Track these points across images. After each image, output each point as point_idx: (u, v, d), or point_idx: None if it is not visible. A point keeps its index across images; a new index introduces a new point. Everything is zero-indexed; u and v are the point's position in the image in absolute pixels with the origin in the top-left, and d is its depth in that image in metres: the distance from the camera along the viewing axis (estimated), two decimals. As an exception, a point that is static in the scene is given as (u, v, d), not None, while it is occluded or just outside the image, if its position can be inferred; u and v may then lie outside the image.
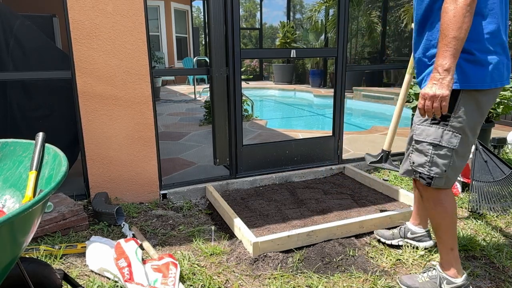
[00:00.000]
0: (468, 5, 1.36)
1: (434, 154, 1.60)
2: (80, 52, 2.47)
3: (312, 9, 12.98)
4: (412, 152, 1.69)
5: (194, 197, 2.95)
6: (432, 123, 1.59)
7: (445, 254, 1.73)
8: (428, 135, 1.60)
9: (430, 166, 1.62)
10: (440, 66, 1.42)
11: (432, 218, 1.73)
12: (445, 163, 1.60)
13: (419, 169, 1.66)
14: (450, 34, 1.38)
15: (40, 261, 1.43)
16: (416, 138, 1.65)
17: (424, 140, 1.62)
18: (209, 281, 1.85)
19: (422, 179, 1.66)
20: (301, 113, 8.33)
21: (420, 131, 1.63)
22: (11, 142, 1.39)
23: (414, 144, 1.68)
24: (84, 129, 2.59)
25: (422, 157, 1.64)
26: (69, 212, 2.33)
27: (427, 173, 1.63)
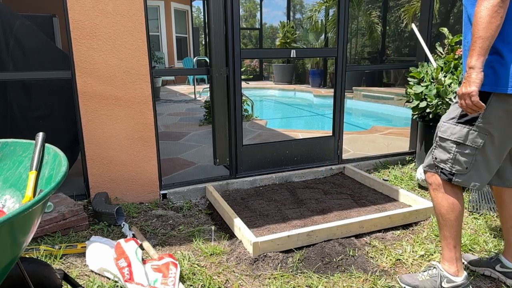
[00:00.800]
0: (495, 5, 1.39)
1: (457, 152, 1.62)
2: (80, 52, 2.47)
3: (312, 9, 12.98)
4: (436, 148, 1.71)
5: (194, 197, 2.95)
6: (458, 122, 1.61)
7: (448, 251, 1.73)
8: (453, 133, 1.62)
9: (453, 163, 1.64)
10: (467, 65, 1.48)
11: (439, 209, 1.72)
12: (467, 161, 1.61)
13: (441, 164, 1.68)
14: (476, 33, 1.43)
15: (40, 261, 1.43)
16: (440, 135, 1.68)
17: (448, 138, 1.64)
18: (209, 281, 1.85)
19: (443, 174, 1.68)
20: (301, 113, 8.34)
21: (445, 129, 1.66)
22: (11, 142, 1.39)
23: (438, 140, 1.69)
24: (84, 129, 2.59)
25: (445, 154, 1.66)
26: (69, 212, 2.33)
27: (449, 170, 1.65)
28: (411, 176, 3.33)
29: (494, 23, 1.41)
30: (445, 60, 3.23)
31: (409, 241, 2.26)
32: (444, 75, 3.16)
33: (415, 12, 9.74)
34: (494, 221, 2.48)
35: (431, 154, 1.74)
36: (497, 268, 1.89)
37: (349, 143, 4.34)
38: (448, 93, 3.05)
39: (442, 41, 3.46)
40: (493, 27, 1.42)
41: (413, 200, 2.67)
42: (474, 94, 1.46)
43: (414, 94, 3.24)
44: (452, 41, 3.28)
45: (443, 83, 3.10)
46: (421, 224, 2.45)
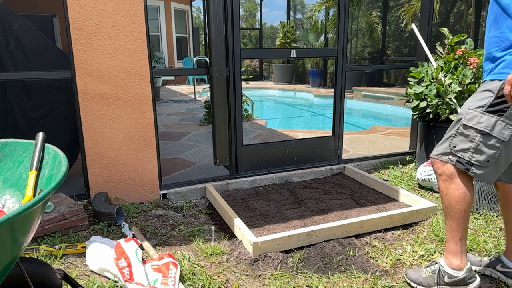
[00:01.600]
0: None
1: (481, 142, 1.55)
2: (80, 52, 2.47)
3: (312, 9, 12.98)
4: (455, 136, 1.63)
5: (194, 197, 2.95)
6: (486, 111, 1.54)
7: (453, 244, 1.68)
8: (479, 122, 1.55)
9: (473, 152, 1.57)
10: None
11: (448, 203, 1.67)
12: (490, 153, 1.55)
13: (459, 153, 1.60)
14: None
15: (40, 261, 1.43)
16: (465, 122, 1.58)
17: (473, 126, 1.56)
18: (209, 281, 1.85)
19: (460, 163, 1.60)
20: (301, 113, 8.34)
21: (471, 116, 1.57)
22: (11, 142, 1.39)
23: (460, 128, 1.60)
24: (84, 129, 2.59)
25: (466, 143, 1.59)
26: (69, 212, 2.33)
27: (468, 159, 1.58)
28: (411, 176, 3.33)
29: None
30: (445, 60, 3.23)
31: (409, 241, 2.26)
32: (444, 75, 3.16)
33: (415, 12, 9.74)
34: (494, 221, 2.48)
35: (448, 141, 1.65)
36: (498, 268, 1.88)
37: (349, 143, 4.34)
38: (448, 93, 3.05)
39: (442, 41, 3.46)
40: None
41: (413, 200, 2.67)
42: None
43: (414, 94, 3.24)
44: (452, 41, 3.28)
45: (443, 83, 3.10)
46: (421, 224, 2.45)
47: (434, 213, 2.53)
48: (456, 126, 1.64)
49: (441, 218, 2.49)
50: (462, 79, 3.03)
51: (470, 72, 3.03)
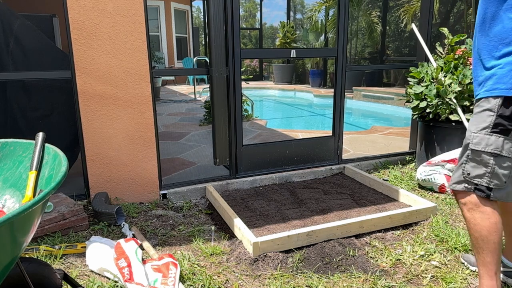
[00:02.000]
0: None
1: (496, 165, 1.48)
2: (80, 52, 2.47)
3: (312, 9, 12.99)
4: (467, 162, 1.55)
5: (194, 197, 2.95)
6: (492, 132, 1.47)
7: (488, 279, 1.54)
8: (488, 145, 1.48)
9: (490, 177, 1.49)
10: None
11: (479, 232, 1.54)
12: (506, 174, 1.49)
13: (475, 180, 1.52)
14: None
15: (40, 261, 1.43)
16: (473, 147, 1.51)
17: (484, 150, 1.49)
18: (209, 281, 1.85)
19: (480, 191, 1.52)
20: (301, 113, 8.34)
21: (478, 140, 1.50)
22: (11, 142, 1.39)
23: (471, 154, 1.53)
24: (84, 129, 2.59)
25: (481, 168, 1.51)
26: (69, 212, 2.33)
27: (486, 185, 1.50)
28: (411, 176, 3.33)
29: None
30: (445, 60, 3.23)
31: (409, 241, 2.26)
32: (444, 75, 3.16)
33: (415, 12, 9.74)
34: (494, 221, 2.48)
35: (461, 169, 1.57)
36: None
37: (349, 143, 4.34)
38: (448, 93, 3.05)
39: (442, 41, 3.46)
40: None
41: (413, 200, 2.67)
42: None
43: (414, 94, 3.24)
44: (452, 41, 3.28)
45: (443, 83, 3.10)
46: (421, 224, 2.45)
47: (434, 213, 2.53)
48: (465, 153, 1.56)
49: (441, 218, 2.49)
50: (462, 79, 3.03)
51: (470, 72, 3.03)
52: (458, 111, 3.03)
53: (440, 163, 2.96)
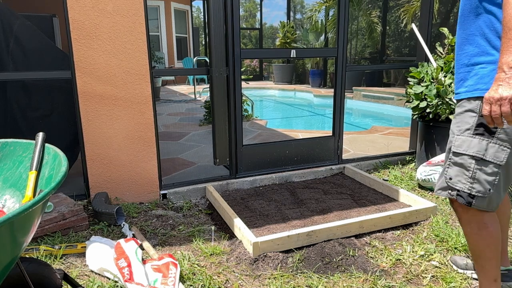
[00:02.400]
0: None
1: (477, 170, 1.39)
2: (80, 52, 2.47)
3: (312, 9, 12.99)
4: (449, 167, 1.47)
5: (194, 197, 2.95)
6: (476, 134, 1.39)
7: (488, 286, 1.50)
8: (470, 147, 1.40)
9: (472, 183, 1.41)
10: (506, 64, 1.22)
11: (474, 245, 1.49)
12: (490, 180, 1.39)
13: (457, 186, 1.45)
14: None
15: (40, 261, 1.43)
16: (455, 150, 1.44)
17: (465, 153, 1.41)
18: (209, 281, 1.85)
19: (461, 197, 1.44)
20: (301, 113, 8.34)
21: (460, 142, 1.43)
22: (11, 142, 1.39)
23: (452, 156, 1.45)
24: (84, 129, 2.59)
25: (461, 172, 1.43)
26: (69, 212, 2.33)
27: (468, 191, 1.42)
28: (411, 176, 3.33)
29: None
30: (445, 60, 3.23)
31: (409, 241, 2.26)
32: (444, 75, 3.16)
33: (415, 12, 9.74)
34: (494, 221, 2.48)
35: (444, 173, 1.50)
36: None
37: (349, 143, 4.34)
38: (448, 93, 3.05)
39: (442, 41, 3.46)
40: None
41: (413, 200, 2.67)
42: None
43: (414, 94, 3.24)
44: (452, 41, 3.28)
45: (443, 83, 3.10)
46: (421, 224, 2.45)
47: (434, 213, 2.53)
48: (448, 156, 1.49)
49: (441, 218, 2.49)
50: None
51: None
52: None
53: (440, 163, 2.96)
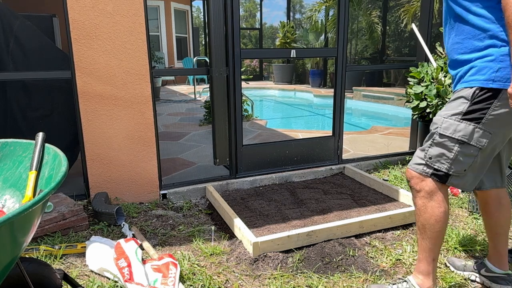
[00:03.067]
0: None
1: (459, 152, 1.48)
2: (80, 52, 2.47)
3: (312, 9, 12.98)
4: (431, 146, 1.54)
5: (194, 197, 2.95)
6: (463, 119, 1.47)
7: (425, 264, 1.61)
8: (457, 131, 1.47)
9: (451, 163, 1.50)
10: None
11: (427, 220, 1.57)
12: (468, 162, 1.49)
13: (436, 165, 1.52)
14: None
15: (40, 261, 1.43)
16: (441, 131, 1.51)
17: (451, 136, 1.48)
18: (209, 281, 1.85)
19: (437, 176, 1.53)
20: (301, 113, 8.34)
21: (447, 125, 1.50)
22: (11, 142, 1.39)
23: (437, 137, 1.52)
24: (84, 129, 2.59)
25: (443, 153, 1.51)
26: (69, 212, 2.33)
27: (446, 171, 1.51)
28: (411, 176, 3.32)
29: None
30: (445, 60, 3.23)
31: (409, 241, 2.26)
32: (444, 75, 3.16)
33: (415, 12, 9.74)
34: (494, 221, 2.48)
35: (424, 152, 1.57)
36: (482, 272, 1.84)
37: (349, 143, 4.34)
38: (448, 93, 3.05)
39: (442, 41, 3.46)
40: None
41: (413, 200, 2.67)
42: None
43: (414, 94, 3.24)
44: (452, 41, 3.27)
45: (443, 83, 3.10)
46: (421, 224, 2.45)
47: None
48: (432, 137, 1.55)
49: (441, 218, 2.49)
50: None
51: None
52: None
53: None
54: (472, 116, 1.46)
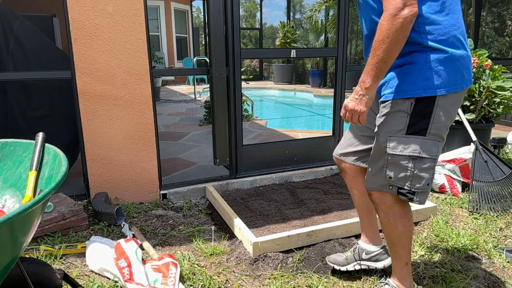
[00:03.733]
0: (404, 26, 1.26)
1: (416, 168, 1.43)
2: (80, 52, 2.47)
3: (312, 9, 12.99)
4: (387, 167, 1.49)
5: (194, 197, 2.95)
6: (408, 133, 1.42)
7: (400, 269, 1.63)
8: (406, 148, 1.42)
9: (412, 181, 1.45)
10: (363, 83, 1.38)
11: (393, 233, 1.57)
12: (428, 176, 1.45)
13: (399, 183, 1.47)
14: (379, 54, 1.31)
15: (40, 261, 1.43)
16: (390, 152, 1.45)
17: (401, 154, 1.43)
18: (209, 281, 1.85)
19: (403, 195, 1.48)
20: (301, 113, 8.33)
21: (395, 144, 1.44)
22: (11, 142, 1.39)
23: (389, 158, 1.47)
24: (84, 129, 2.59)
25: (401, 172, 1.46)
26: (69, 212, 2.33)
27: (408, 188, 1.46)
28: (411, 176, 3.32)
29: (399, 47, 1.30)
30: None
31: (409, 241, 2.25)
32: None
33: (415, 12, 9.73)
34: (494, 221, 2.48)
35: (382, 173, 1.50)
36: (363, 257, 1.84)
37: (349, 143, 4.33)
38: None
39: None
40: (397, 50, 1.30)
41: (413, 200, 2.67)
42: (365, 114, 1.41)
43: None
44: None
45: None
46: (421, 224, 2.45)
47: (434, 213, 2.53)
48: (383, 156, 1.49)
49: (441, 218, 2.49)
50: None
51: (470, 72, 3.03)
52: (458, 111, 3.02)
53: (440, 163, 2.96)
54: (417, 128, 1.41)
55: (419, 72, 1.38)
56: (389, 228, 1.57)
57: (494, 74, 3.06)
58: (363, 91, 1.39)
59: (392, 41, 1.28)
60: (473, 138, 2.90)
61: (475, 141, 2.86)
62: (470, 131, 2.94)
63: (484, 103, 3.09)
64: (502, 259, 2.04)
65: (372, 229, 1.87)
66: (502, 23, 10.57)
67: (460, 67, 1.40)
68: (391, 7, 1.25)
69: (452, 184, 2.93)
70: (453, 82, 1.39)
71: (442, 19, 1.37)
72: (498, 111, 3.21)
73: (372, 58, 1.34)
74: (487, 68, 3.07)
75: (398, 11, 1.24)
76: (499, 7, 10.50)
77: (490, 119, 3.29)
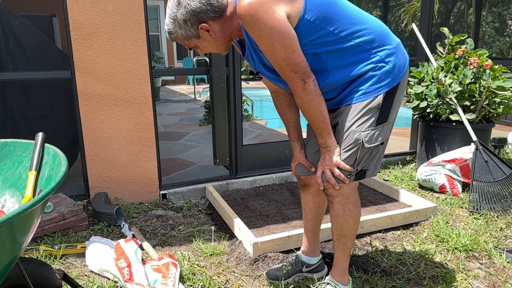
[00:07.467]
0: (313, 91, 1.42)
1: (378, 151, 1.57)
2: (80, 52, 2.47)
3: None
4: (355, 160, 1.54)
5: (194, 197, 2.95)
6: (378, 124, 1.51)
7: (344, 262, 1.69)
8: (377, 138, 1.51)
9: (370, 162, 1.56)
10: (323, 144, 1.54)
11: (346, 224, 1.61)
12: (381, 153, 1.60)
13: (358, 167, 1.54)
14: (314, 119, 1.51)
15: (40, 261, 1.42)
16: (368, 145, 1.50)
17: (375, 144, 1.51)
18: (209, 282, 1.85)
19: (356, 176, 1.55)
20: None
21: (369, 138, 1.50)
22: (11, 142, 1.38)
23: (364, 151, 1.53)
24: (84, 129, 2.59)
25: (367, 158, 1.54)
26: (68, 212, 2.33)
27: (365, 168, 1.57)
28: (412, 176, 3.33)
29: (323, 105, 1.47)
30: (446, 60, 3.23)
31: (410, 241, 2.25)
32: (445, 75, 3.16)
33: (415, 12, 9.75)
34: (494, 221, 2.48)
35: (349, 165, 1.53)
36: (303, 270, 1.88)
37: (349, 143, 4.33)
38: (449, 93, 3.05)
39: (442, 41, 3.46)
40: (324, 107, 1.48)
41: (413, 200, 2.67)
42: (342, 163, 1.50)
43: (415, 94, 3.24)
44: (452, 41, 3.28)
45: (443, 83, 3.10)
46: (421, 225, 2.45)
47: (434, 213, 2.53)
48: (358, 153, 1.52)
49: (442, 218, 2.49)
50: (462, 79, 3.03)
51: (470, 72, 3.03)
52: (458, 111, 3.02)
53: (440, 163, 2.96)
54: (382, 118, 1.53)
55: (379, 71, 1.51)
56: (343, 220, 1.61)
57: (494, 74, 3.06)
58: (327, 148, 1.53)
59: (314, 105, 1.46)
60: (473, 138, 2.90)
61: (475, 141, 2.86)
62: (471, 131, 2.94)
63: (485, 103, 3.09)
64: (502, 259, 2.04)
65: (316, 241, 1.91)
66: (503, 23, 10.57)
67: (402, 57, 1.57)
68: (297, 89, 1.44)
69: (453, 184, 2.93)
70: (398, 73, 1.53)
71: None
72: (498, 111, 3.20)
73: (313, 125, 1.55)
74: (487, 68, 3.07)
75: (302, 89, 1.43)
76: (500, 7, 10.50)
77: (490, 119, 3.29)
